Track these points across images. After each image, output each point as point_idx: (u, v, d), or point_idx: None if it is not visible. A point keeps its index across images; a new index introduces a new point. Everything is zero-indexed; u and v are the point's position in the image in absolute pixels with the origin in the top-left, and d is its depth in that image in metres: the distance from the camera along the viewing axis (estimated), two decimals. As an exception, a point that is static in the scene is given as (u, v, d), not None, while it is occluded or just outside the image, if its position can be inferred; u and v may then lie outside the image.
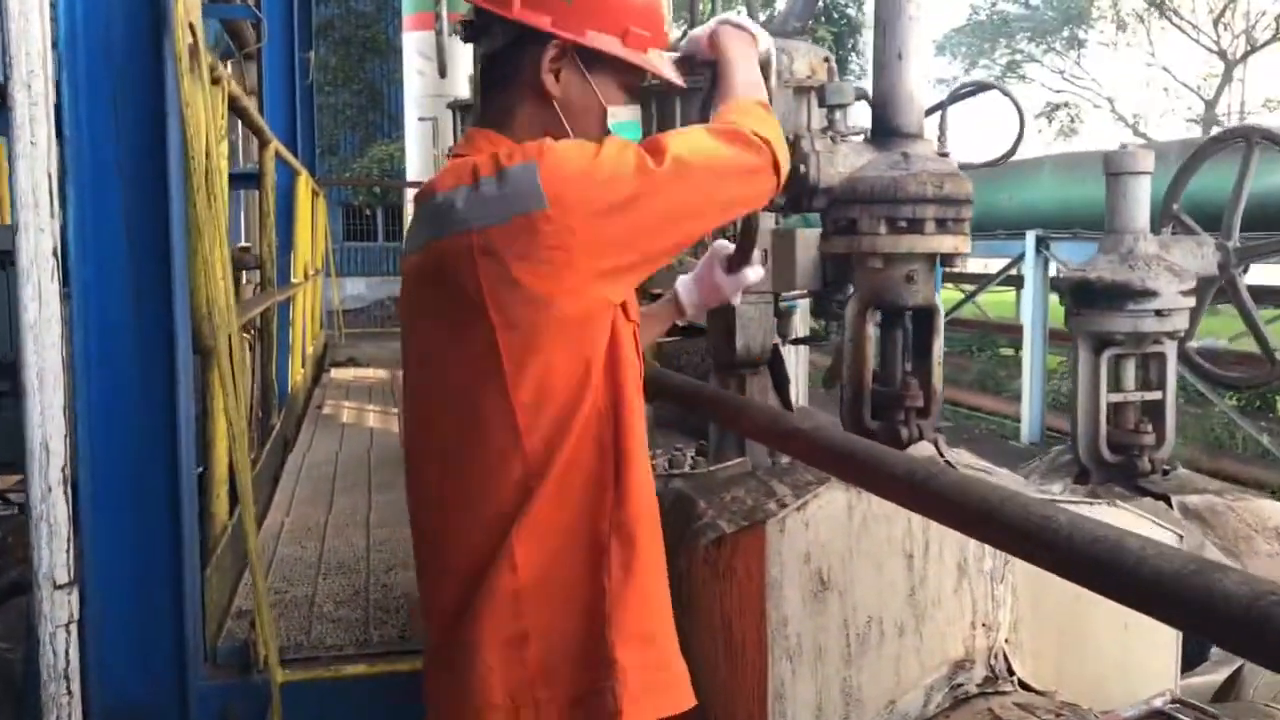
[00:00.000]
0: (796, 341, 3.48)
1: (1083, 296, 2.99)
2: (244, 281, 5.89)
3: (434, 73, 8.01)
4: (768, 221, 2.82)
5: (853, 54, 20.22)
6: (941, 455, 2.38)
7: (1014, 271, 12.91)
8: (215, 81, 3.18)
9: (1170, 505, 2.84)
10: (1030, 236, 10.92)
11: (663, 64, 1.76)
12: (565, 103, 1.67)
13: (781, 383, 3.48)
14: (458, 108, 8.65)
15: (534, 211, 1.48)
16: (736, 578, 2.21)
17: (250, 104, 4.25)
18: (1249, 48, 25.94)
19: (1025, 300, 11.35)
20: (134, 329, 2.39)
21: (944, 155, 2.44)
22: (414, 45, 12.48)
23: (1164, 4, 24.46)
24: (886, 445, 2.44)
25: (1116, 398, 3.04)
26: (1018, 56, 26.73)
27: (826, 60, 3.09)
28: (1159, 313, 2.92)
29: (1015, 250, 11.96)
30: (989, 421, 13.24)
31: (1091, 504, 2.21)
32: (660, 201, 1.54)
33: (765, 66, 1.95)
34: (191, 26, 2.53)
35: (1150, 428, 3.01)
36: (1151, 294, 2.90)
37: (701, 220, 1.63)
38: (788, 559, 2.07)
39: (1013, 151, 2.99)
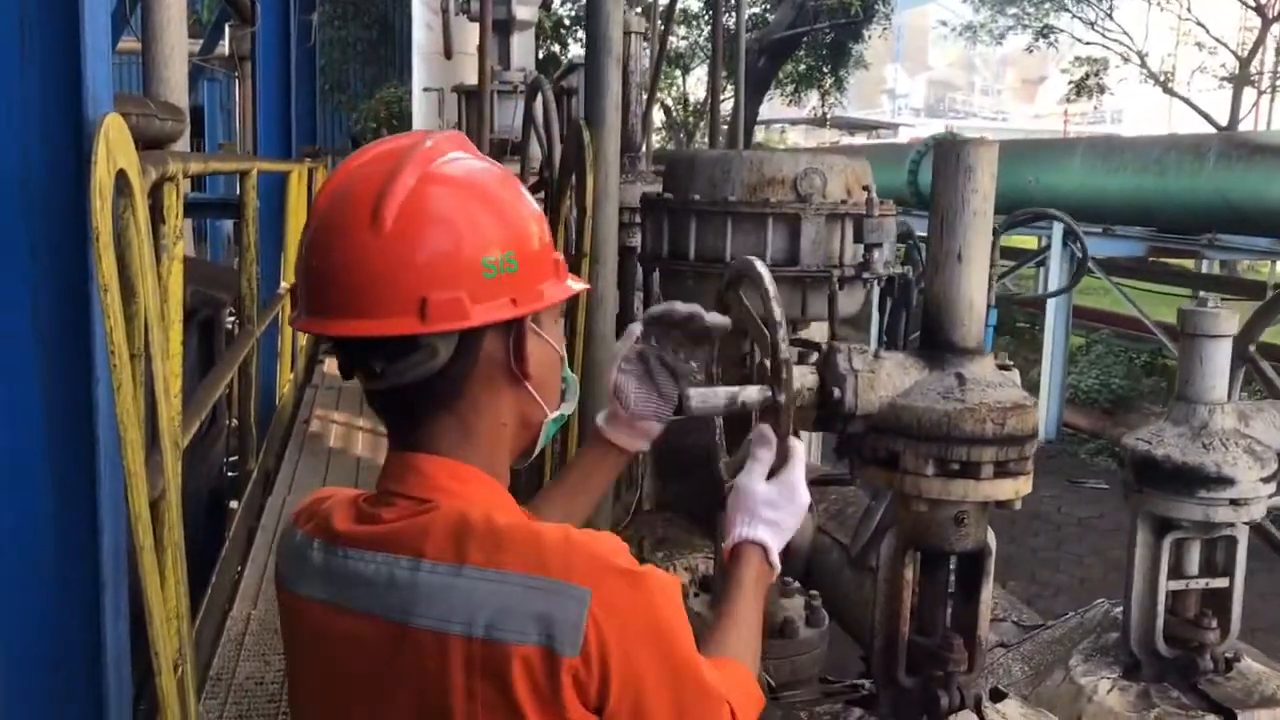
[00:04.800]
0: (816, 482, 3.12)
1: (1146, 474, 2.62)
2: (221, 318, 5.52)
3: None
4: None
5: (855, 43, 19.29)
6: (985, 726, 2.04)
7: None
8: (165, 183, 2.79)
9: (1235, 726, 2.51)
10: (1058, 229, 10.42)
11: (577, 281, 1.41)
12: (537, 377, 1.31)
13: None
14: (462, 92, 8.20)
15: (560, 656, 1.12)
16: None
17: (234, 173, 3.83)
18: (1289, 4, 25.02)
19: (1051, 285, 10.78)
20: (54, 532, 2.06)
21: (1005, 369, 2.06)
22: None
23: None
24: (922, 709, 2.13)
25: (1177, 585, 2.68)
26: (1048, 6, 25.86)
27: (866, 189, 2.69)
28: (1234, 502, 2.55)
29: (1041, 231, 11.48)
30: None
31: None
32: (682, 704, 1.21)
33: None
34: (123, 173, 2.15)
35: (1214, 621, 2.66)
36: (1228, 482, 2.53)
37: None
38: None
39: (1074, 284, 2.63)
